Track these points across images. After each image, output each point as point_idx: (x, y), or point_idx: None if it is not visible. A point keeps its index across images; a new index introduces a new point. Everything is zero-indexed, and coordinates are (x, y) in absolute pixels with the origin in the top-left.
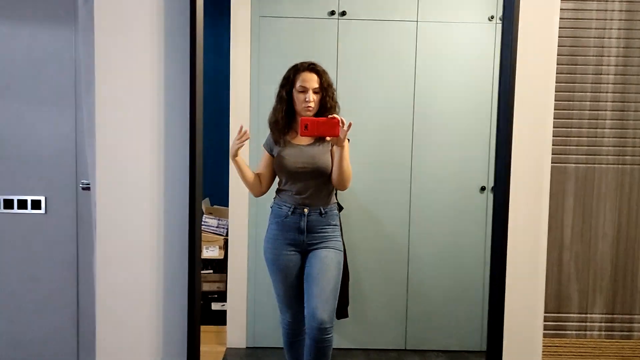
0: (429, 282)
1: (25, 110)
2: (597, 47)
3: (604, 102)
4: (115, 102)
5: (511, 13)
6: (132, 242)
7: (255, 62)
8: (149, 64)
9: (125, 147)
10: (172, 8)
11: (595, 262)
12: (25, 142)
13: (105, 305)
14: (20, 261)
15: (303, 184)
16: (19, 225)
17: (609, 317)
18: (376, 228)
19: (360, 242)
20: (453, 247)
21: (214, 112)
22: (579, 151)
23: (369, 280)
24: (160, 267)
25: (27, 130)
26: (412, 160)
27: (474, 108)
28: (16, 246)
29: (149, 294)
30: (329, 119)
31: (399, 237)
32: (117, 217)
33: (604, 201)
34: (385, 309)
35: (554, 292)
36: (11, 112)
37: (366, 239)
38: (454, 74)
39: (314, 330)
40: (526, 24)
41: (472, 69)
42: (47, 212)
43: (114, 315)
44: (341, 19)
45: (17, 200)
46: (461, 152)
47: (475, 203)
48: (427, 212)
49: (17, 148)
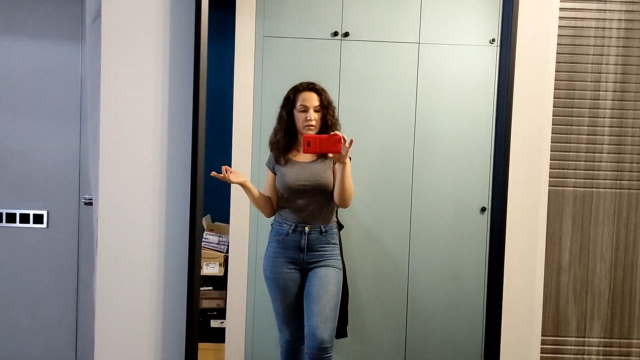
0: (429, 302)
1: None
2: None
3: (602, 127)
4: (120, 119)
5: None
6: (133, 258)
7: (258, 81)
8: (154, 82)
9: (128, 163)
10: (178, 27)
11: (593, 285)
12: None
13: (104, 320)
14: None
15: (304, 201)
16: (21, 239)
17: (607, 341)
18: (376, 247)
19: (360, 261)
20: (453, 267)
21: (217, 130)
22: (576, 175)
23: (368, 299)
24: (160, 283)
25: (32, 145)
26: (413, 179)
27: (475, 129)
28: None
29: (148, 310)
30: (330, 136)
31: (399, 256)
32: (118, 233)
33: (601, 225)
34: (384, 328)
35: (551, 315)
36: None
37: (366, 258)
38: (455, 95)
39: (314, 349)
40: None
41: (473, 91)
42: (49, 226)
43: (112, 331)
44: (344, 39)
45: (20, 214)
46: (462, 172)
47: (475, 224)
48: (428, 231)
49: (20, 162)
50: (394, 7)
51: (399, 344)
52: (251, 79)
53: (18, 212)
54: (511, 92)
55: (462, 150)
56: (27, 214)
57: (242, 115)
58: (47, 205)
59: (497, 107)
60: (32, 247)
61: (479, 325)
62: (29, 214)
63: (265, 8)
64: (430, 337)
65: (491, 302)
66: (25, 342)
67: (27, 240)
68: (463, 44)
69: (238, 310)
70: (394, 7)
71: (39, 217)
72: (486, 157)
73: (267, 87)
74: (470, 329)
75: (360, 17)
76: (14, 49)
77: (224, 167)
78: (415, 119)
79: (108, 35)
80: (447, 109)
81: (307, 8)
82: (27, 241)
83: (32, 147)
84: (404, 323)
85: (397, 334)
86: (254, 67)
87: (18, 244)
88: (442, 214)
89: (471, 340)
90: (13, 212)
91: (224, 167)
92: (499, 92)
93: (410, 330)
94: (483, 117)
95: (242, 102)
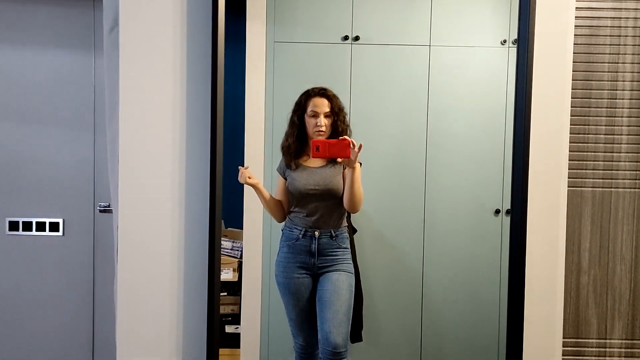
0: (444, 305)
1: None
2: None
3: (620, 126)
4: (139, 127)
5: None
6: (153, 265)
7: (270, 87)
8: (172, 89)
9: (148, 171)
10: (194, 35)
11: (614, 286)
12: (45, 165)
13: (125, 327)
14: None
15: (314, 206)
16: (37, 247)
17: (628, 342)
18: (390, 251)
19: (374, 265)
20: (467, 269)
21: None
22: (595, 175)
23: (383, 303)
24: (181, 289)
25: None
26: (426, 182)
27: (487, 131)
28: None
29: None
30: (339, 141)
31: (413, 259)
32: (138, 240)
33: (621, 225)
34: (399, 332)
35: (572, 317)
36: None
37: (380, 262)
38: (466, 97)
39: (328, 354)
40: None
41: (485, 92)
42: (65, 234)
43: (134, 337)
44: (354, 43)
45: (36, 222)
46: (475, 175)
47: (489, 226)
48: (441, 234)
49: (36, 171)
50: (404, 10)
51: (414, 347)
52: (262, 85)
53: (34, 221)
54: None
55: (474, 153)
56: (43, 222)
57: (254, 121)
58: (63, 213)
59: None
60: (49, 255)
61: (495, 329)
62: (45, 222)
63: (276, 13)
64: (446, 340)
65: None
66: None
67: (44, 248)
68: (474, 46)
69: (253, 315)
70: (404, 10)
71: (54, 225)
72: (499, 159)
73: (279, 92)
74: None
75: (371, 21)
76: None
77: (242, 168)
78: (427, 122)
79: (126, 43)
80: (459, 111)
81: (317, 13)
82: (44, 249)
83: (47, 156)
84: (419, 327)
85: (413, 337)
86: (265, 73)
87: (34, 252)
88: (456, 216)
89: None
90: (29, 221)
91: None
92: (516, 92)
93: (426, 334)
94: (495, 118)
95: (254, 107)
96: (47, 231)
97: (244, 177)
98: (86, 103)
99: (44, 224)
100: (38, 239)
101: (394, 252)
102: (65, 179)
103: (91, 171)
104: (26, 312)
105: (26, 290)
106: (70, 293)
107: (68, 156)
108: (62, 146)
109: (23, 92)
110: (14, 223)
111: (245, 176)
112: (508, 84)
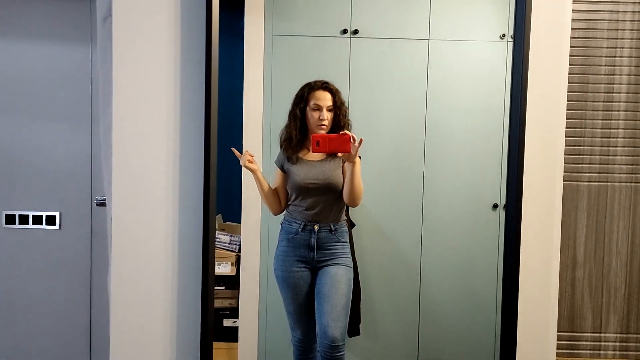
0: (441, 299)
1: (42, 128)
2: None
3: (616, 121)
4: (132, 119)
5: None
6: (147, 258)
7: (268, 80)
8: (165, 81)
9: (141, 163)
10: (189, 26)
11: (609, 280)
12: (42, 158)
13: (119, 320)
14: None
15: (313, 200)
16: (34, 240)
17: (623, 336)
18: (388, 245)
19: (372, 259)
20: (465, 264)
21: (227, 129)
22: (591, 169)
23: (381, 297)
24: (175, 283)
25: (43, 147)
26: (424, 178)
27: (486, 125)
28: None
29: (162, 310)
30: (340, 135)
31: (411, 254)
32: (132, 233)
33: (617, 219)
34: (397, 326)
35: (567, 311)
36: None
37: (378, 256)
38: (465, 91)
39: (326, 348)
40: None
41: (484, 86)
42: (62, 227)
43: (127, 331)
44: (353, 37)
45: (32, 215)
46: (473, 169)
47: (487, 220)
48: (439, 229)
49: (32, 164)
50: (403, 4)
51: (412, 341)
52: (261, 78)
53: (31, 214)
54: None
55: (473, 146)
56: (39, 216)
57: (253, 114)
58: (60, 207)
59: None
60: (46, 249)
61: (492, 321)
62: (42, 216)
63: (274, 6)
64: (444, 333)
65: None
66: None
67: (41, 242)
68: (473, 40)
69: (250, 309)
70: (403, 3)
71: (51, 219)
72: (498, 152)
73: (277, 86)
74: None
75: (370, 14)
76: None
77: (246, 151)
78: (425, 116)
79: (119, 34)
80: (457, 104)
81: (316, 6)
82: (41, 243)
83: (44, 149)
84: (416, 320)
85: (410, 331)
86: (263, 66)
87: (31, 246)
88: (453, 210)
89: (484, 336)
90: (26, 214)
91: (247, 151)
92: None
93: (423, 328)
94: (494, 112)
95: (252, 100)
96: (44, 225)
97: (244, 159)
98: (83, 96)
99: (40, 217)
100: (35, 233)
101: (392, 246)
102: (62, 172)
103: (88, 164)
104: (23, 305)
105: (23, 284)
106: (67, 286)
107: (65, 149)
108: (59, 139)
109: (19, 85)
110: (10, 216)
111: (245, 159)
112: (507, 77)
